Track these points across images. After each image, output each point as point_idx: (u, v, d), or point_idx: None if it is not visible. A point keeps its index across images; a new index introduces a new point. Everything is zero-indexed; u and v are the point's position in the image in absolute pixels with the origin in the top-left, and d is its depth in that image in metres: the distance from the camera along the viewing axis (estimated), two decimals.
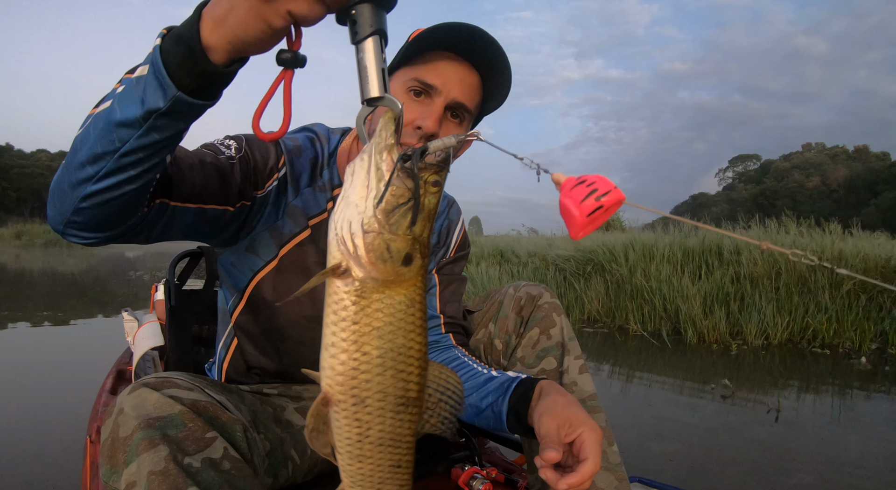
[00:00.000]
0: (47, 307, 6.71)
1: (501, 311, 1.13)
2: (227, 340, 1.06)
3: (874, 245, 6.20)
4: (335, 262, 0.43)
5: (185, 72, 0.52)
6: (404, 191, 0.43)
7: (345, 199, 0.44)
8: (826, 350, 4.73)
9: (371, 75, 0.48)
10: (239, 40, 0.50)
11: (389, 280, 0.43)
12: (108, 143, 0.58)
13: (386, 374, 0.44)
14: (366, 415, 0.45)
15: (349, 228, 0.43)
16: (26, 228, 31.58)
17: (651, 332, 5.32)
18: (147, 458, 0.63)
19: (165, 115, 0.55)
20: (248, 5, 0.48)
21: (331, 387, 0.45)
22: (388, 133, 0.45)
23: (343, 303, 0.43)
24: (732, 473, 2.23)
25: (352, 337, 0.43)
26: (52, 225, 0.69)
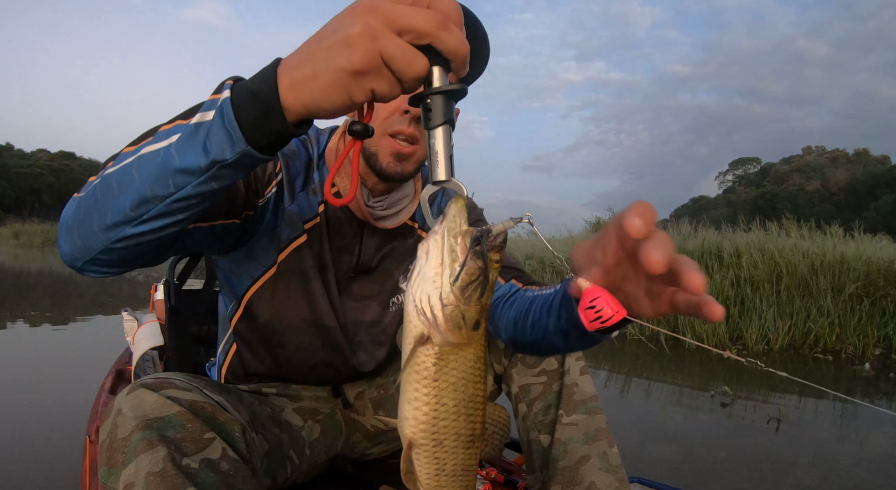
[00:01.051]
0: (46, 307, 6.62)
1: None
2: (227, 346, 1.06)
3: (877, 248, 6.10)
4: (418, 332, 0.50)
5: (258, 129, 0.52)
6: (475, 270, 0.49)
7: (421, 275, 0.50)
8: (828, 356, 4.62)
9: (440, 161, 0.52)
10: (316, 106, 0.50)
11: (463, 343, 0.50)
12: (162, 189, 0.57)
13: (459, 420, 0.52)
14: (443, 453, 0.53)
15: (429, 302, 0.49)
16: (24, 228, 31.57)
17: (649, 336, 5.21)
18: (145, 459, 0.63)
19: (230, 166, 0.55)
20: (335, 77, 0.48)
21: (414, 433, 0.52)
22: (463, 220, 0.51)
23: (425, 364, 0.51)
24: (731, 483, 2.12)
25: (433, 392, 0.51)
26: (69, 262, 0.67)
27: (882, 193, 44.04)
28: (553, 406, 1.02)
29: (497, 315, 0.95)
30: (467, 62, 0.50)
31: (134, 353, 1.60)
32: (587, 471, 0.96)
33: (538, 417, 1.03)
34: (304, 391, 1.10)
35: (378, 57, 0.47)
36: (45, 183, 61.04)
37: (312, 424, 1.07)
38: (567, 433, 0.99)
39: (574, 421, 1.00)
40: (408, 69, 0.47)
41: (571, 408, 1.01)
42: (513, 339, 0.90)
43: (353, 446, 1.17)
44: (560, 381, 1.03)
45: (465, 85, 0.52)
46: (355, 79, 0.48)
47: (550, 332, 0.78)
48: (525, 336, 0.85)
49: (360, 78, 0.48)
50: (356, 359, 1.07)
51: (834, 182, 51.80)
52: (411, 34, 0.47)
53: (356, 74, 0.47)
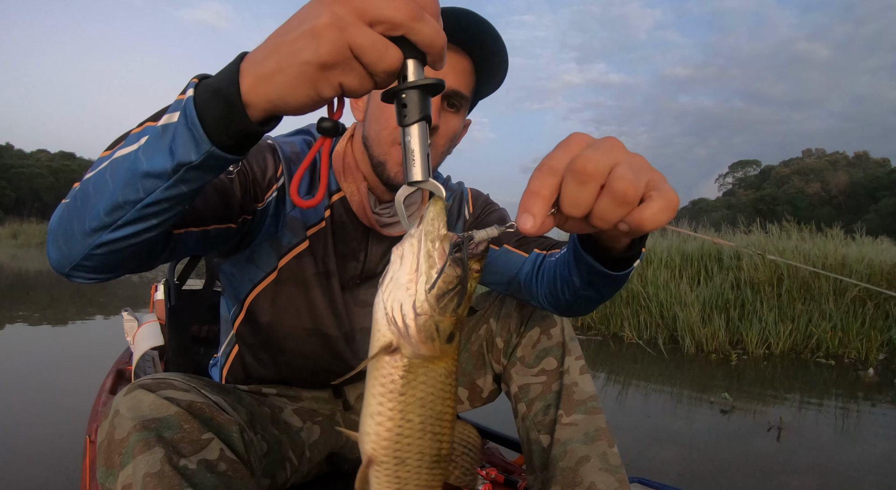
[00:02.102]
0: (45, 307, 6.57)
1: (504, 309, 1.11)
2: (228, 348, 1.06)
3: (878, 251, 6.01)
4: (386, 341, 0.47)
5: (222, 129, 0.50)
6: (453, 278, 0.46)
7: (394, 280, 0.47)
8: (831, 360, 4.51)
9: (417, 160, 0.50)
10: (282, 102, 0.47)
11: (435, 356, 0.47)
12: (132, 193, 0.56)
13: (425, 438, 0.49)
14: (405, 473, 0.50)
15: (401, 310, 0.46)
16: (23, 228, 31.53)
17: (647, 340, 5.10)
18: (143, 459, 0.63)
19: (196, 168, 0.53)
20: (301, 71, 0.45)
21: (375, 450, 0.49)
22: (441, 223, 0.48)
23: (391, 377, 0.48)
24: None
25: (398, 407, 0.48)
26: (56, 267, 0.67)
27: (882, 196, 44.07)
28: (552, 406, 1.01)
29: (534, 288, 0.95)
30: (444, 55, 0.47)
31: (134, 353, 1.61)
32: (587, 471, 0.95)
33: (537, 417, 1.03)
34: (305, 392, 1.09)
35: (347, 49, 0.44)
36: (45, 183, 61.14)
37: (312, 426, 1.06)
38: (567, 433, 0.98)
39: (574, 421, 0.99)
40: (379, 62, 0.44)
41: (571, 408, 1.00)
42: (555, 306, 0.92)
43: (352, 447, 1.16)
44: (559, 380, 1.02)
45: (441, 79, 0.49)
46: (322, 72, 0.45)
47: (579, 289, 0.79)
48: (563, 300, 0.87)
49: (327, 71, 0.45)
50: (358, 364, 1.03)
51: (834, 185, 51.84)
52: (383, 25, 0.44)
53: (323, 67, 0.45)
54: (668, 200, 0.44)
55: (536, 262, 0.96)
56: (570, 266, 0.78)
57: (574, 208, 0.45)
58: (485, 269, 1.09)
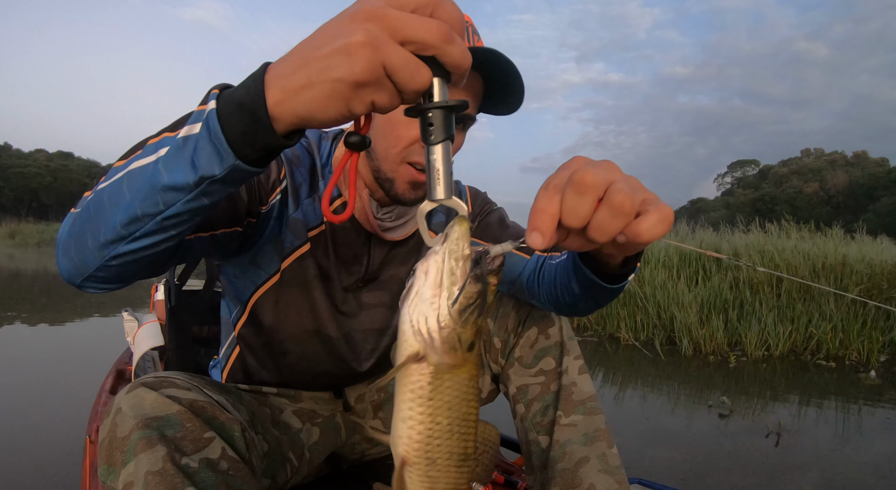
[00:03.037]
0: (44, 307, 6.54)
1: (501, 309, 1.10)
2: (229, 350, 1.06)
3: (879, 250, 5.93)
4: (413, 351, 0.50)
5: (247, 143, 0.50)
6: (474, 293, 0.49)
7: (419, 295, 0.50)
8: (831, 362, 4.42)
9: (441, 179, 0.51)
10: (310, 116, 0.47)
11: (458, 364, 0.51)
12: (151, 206, 0.55)
13: (453, 438, 0.53)
14: (436, 472, 0.53)
15: (426, 323, 0.49)
16: (20, 228, 31.49)
17: (644, 341, 5.00)
18: (145, 458, 0.63)
19: (219, 181, 0.53)
20: (333, 88, 0.45)
21: (408, 452, 0.52)
22: (466, 244, 0.50)
23: (420, 383, 0.51)
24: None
25: (427, 411, 0.51)
26: (68, 279, 0.66)
27: (881, 196, 44.06)
28: (551, 407, 1.01)
29: (535, 289, 0.96)
30: (467, 75, 0.48)
31: (134, 353, 1.61)
32: (586, 473, 0.95)
33: (536, 418, 1.03)
34: (305, 392, 1.09)
35: (381, 68, 0.44)
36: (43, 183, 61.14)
37: (311, 427, 1.05)
38: (566, 435, 0.99)
39: (573, 421, 0.99)
40: (411, 82, 0.45)
41: (570, 408, 1.00)
42: (556, 307, 0.94)
43: (352, 447, 1.17)
44: (558, 381, 1.02)
45: (466, 101, 0.50)
46: (355, 90, 0.45)
47: (578, 295, 0.81)
48: (563, 302, 0.89)
49: (360, 89, 0.45)
50: (361, 367, 1.07)
51: (832, 184, 51.83)
52: (415, 45, 0.44)
53: (357, 86, 0.45)
54: (663, 214, 0.46)
55: (538, 263, 0.98)
56: (569, 274, 0.80)
57: (573, 218, 0.46)
58: None
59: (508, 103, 0.93)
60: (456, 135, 0.93)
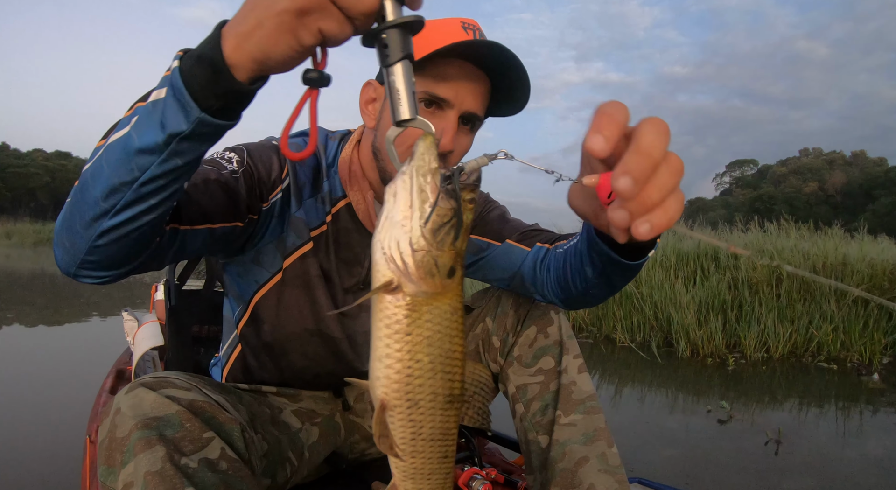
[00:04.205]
0: (42, 308, 6.51)
1: (500, 308, 1.10)
2: (230, 349, 1.06)
3: (879, 250, 5.81)
4: (386, 280, 0.46)
5: (209, 92, 0.51)
6: (447, 211, 0.46)
7: (389, 219, 0.46)
8: (833, 364, 4.30)
9: (403, 98, 0.49)
10: (266, 57, 0.48)
11: (437, 292, 0.47)
12: (127, 173, 0.56)
13: (436, 378, 0.49)
14: (419, 415, 0.49)
15: (398, 247, 0.45)
16: (16, 228, 31.45)
17: (640, 343, 4.88)
18: (144, 458, 0.63)
19: (188, 137, 0.53)
20: (279, 21, 0.46)
21: (387, 394, 0.48)
22: (432, 157, 0.47)
23: (396, 316, 0.47)
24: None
25: (406, 347, 0.47)
26: (63, 268, 0.67)
27: (879, 195, 44.08)
28: (551, 406, 1.01)
29: (539, 281, 0.95)
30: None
31: (134, 353, 1.61)
32: (586, 473, 0.95)
33: (535, 418, 1.02)
34: (305, 391, 1.09)
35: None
36: (41, 183, 61.10)
37: (310, 427, 1.05)
38: (565, 434, 0.98)
39: (572, 421, 0.98)
40: (356, 4, 0.45)
41: (570, 408, 0.99)
42: (564, 299, 0.92)
43: (351, 446, 1.16)
44: (557, 380, 1.02)
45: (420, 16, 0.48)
46: (300, 19, 0.46)
47: (591, 279, 0.78)
48: (573, 291, 0.86)
49: (305, 17, 0.46)
50: (364, 368, 1.06)
51: (831, 184, 51.85)
52: None
53: (300, 13, 0.46)
54: (680, 200, 0.43)
55: (539, 255, 0.96)
56: (582, 256, 0.77)
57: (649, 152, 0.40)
58: (486, 265, 1.07)
59: (514, 101, 0.93)
60: (464, 136, 0.91)
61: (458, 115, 0.87)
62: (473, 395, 0.55)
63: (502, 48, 0.83)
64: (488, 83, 0.89)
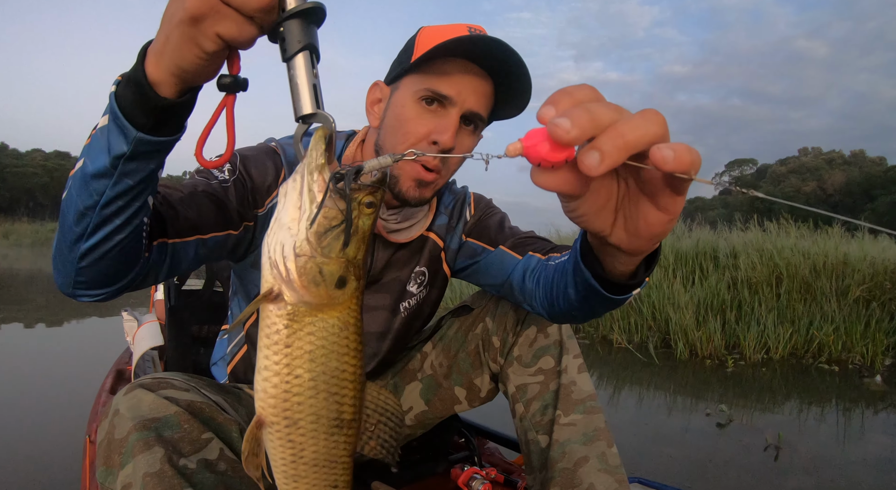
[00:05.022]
0: (41, 307, 6.54)
1: (500, 307, 1.10)
2: (236, 348, 1.07)
3: (880, 249, 5.74)
4: (268, 287, 0.44)
5: (138, 111, 0.52)
6: (336, 213, 0.43)
7: (277, 221, 0.44)
8: (834, 366, 4.24)
9: (303, 92, 0.47)
10: (179, 69, 0.49)
11: (322, 303, 0.44)
12: (88, 198, 0.58)
13: (318, 397, 0.45)
14: (299, 436, 0.46)
15: (281, 252, 0.43)
16: (14, 228, 31.42)
17: (637, 344, 4.81)
18: (142, 459, 0.63)
19: (132, 158, 0.54)
20: (180, 33, 0.47)
21: (263, 409, 0.45)
22: (319, 152, 0.44)
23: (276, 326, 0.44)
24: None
25: (284, 360, 0.44)
26: (62, 290, 0.69)
27: (878, 195, 44.03)
28: (550, 406, 1.01)
29: (527, 291, 0.94)
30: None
31: (134, 353, 1.61)
32: (586, 472, 0.95)
33: (535, 418, 1.02)
34: None
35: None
36: (39, 183, 61.07)
37: None
38: (565, 434, 0.98)
39: (572, 421, 0.99)
40: (247, 1, 0.44)
41: (569, 407, 0.99)
42: (549, 313, 0.91)
43: None
44: (557, 380, 1.02)
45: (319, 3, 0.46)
46: (197, 27, 0.46)
47: (574, 302, 0.77)
48: (558, 308, 0.86)
49: (200, 24, 0.46)
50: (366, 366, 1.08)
51: (830, 183, 51.79)
52: None
53: (194, 21, 0.45)
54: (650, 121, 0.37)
55: (529, 265, 0.96)
56: (567, 277, 0.76)
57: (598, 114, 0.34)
58: (479, 271, 1.08)
59: (517, 100, 0.92)
60: (466, 137, 0.91)
61: (461, 113, 0.88)
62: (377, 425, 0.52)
63: (504, 44, 0.83)
64: (491, 84, 0.90)
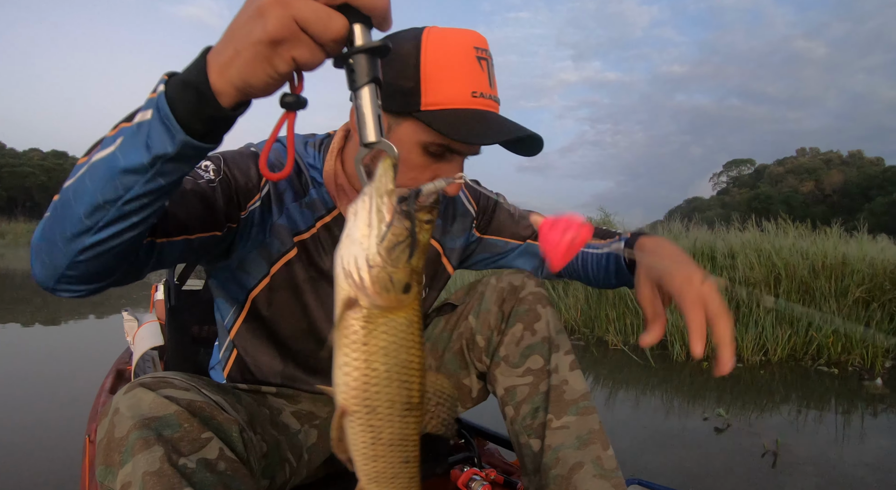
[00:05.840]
0: (39, 307, 6.44)
1: (483, 304, 1.07)
2: (227, 353, 1.05)
3: (879, 249, 5.66)
4: (345, 295, 0.49)
5: (195, 117, 0.53)
6: (402, 230, 0.49)
7: (349, 237, 0.49)
8: (833, 368, 4.14)
9: (368, 122, 0.51)
10: (245, 84, 0.50)
11: (392, 306, 0.49)
12: (112, 191, 0.57)
13: (392, 386, 0.51)
14: (377, 421, 0.52)
15: (356, 264, 0.48)
16: (10, 227, 31.32)
17: (633, 345, 4.72)
18: (142, 458, 0.63)
19: (173, 159, 0.55)
20: (255, 51, 0.48)
21: (346, 400, 0.50)
22: (388, 179, 0.50)
23: (353, 328, 0.49)
24: None
25: (362, 356, 0.50)
26: (41, 282, 0.67)
27: (876, 195, 44.08)
28: (541, 409, 0.98)
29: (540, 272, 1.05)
30: (388, 15, 0.49)
31: (134, 353, 1.61)
32: (581, 479, 0.93)
33: (526, 421, 0.99)
34: (304, 393, 1.08)
35: (292, 22, 0.46)
36: (37, 182, 60.95)
37: (309, 429, 1.04)
38: (558, 439, 0.96)
39: (565, 424, 0.96)
40: (325, 31, 0.47)
41: (561, 409, 0.97)
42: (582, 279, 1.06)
43: None
44: (547, 380, 0.99)
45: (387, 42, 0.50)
46: (274, 49, 0.48)
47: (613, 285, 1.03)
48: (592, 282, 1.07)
49: (278, 47, 0.48)
50: None
51: (828, 184, 51.84)
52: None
53: (273, 44, 0.47)
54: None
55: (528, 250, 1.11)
56: (607, 271, 1.01)
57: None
58: (507, 264, 1.18)
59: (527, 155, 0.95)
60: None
61: (465, 158, 0.89)
62: (437, 406, 0.58)
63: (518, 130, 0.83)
64: None
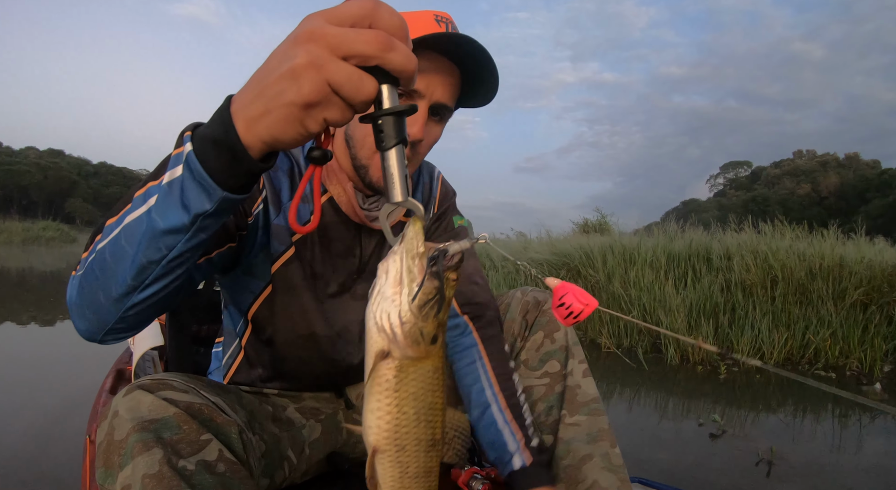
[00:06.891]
0: (36, 306, 6.46)
1: (509, 314, 1.15)
2: (231, 359, 1.06)
3: (876, 251, 5.57)
4: (379, 348, 0.52)
5: (230, 174, 0.53)
6: (432, 289, 0.51)
7: (381, 293, 0.52)
8: (831, 373, 4.06)
9: (396, 182, 0.52)
10: (275, 140, 0.50)
11: (422, 356, 0.53)
12: (155, 252, 0.59)
13: (420, 426, 0.55)
14: (406, 458, 0.56)
15: (388, 319, 0.51)
16: (5, 226, 31.15)
17: (626, 348, 4.62)
18: (141, 461, 0.64)
19: (211, 215, 0.56)
20: (287, 112, 0.48)
21: (378, 440, 0.55)
22: (420, 242, 0.53)
23: (386, 376, 0.53)
24: None
25: (394, 402, 0.53)
26: (88, 337, 0.70)
27: (872, 197, 44.16)
28: (556, 407, 1.05)
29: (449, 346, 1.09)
30: (415, 76, 0.49)
31: (134, 353, 1.63)
32: (590, 469, 0.99)
33: (541, 418, 1.06)
34: (306, 393, 1.10)
35: (326, 86, 0.47)
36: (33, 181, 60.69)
37: (314, 424, 1.06)
38: (570, 433, 1.02)
39: (577, 421, 1.03)
40: (357, 94, 0.47)
41: (574, 409, 1.04)
42: None
43: (353, 446, 1.16)
44: (563, 382, 1.06)
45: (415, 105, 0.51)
46: (307, 111, 0.48)
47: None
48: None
49: (311, 109, 0.48)
50: (355, 360, 1.07)
51: (824, 186, 51.93)
52: (357, 58, 0.47)
53: (307, 107, 0.48)
54: None
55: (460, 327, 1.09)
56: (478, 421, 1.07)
57: None
58: None
59: (484, 94, 0.94)
60: (433, 126, 0.96)
61: (429, 105, 0.89)
62: (453, 439, 0.62)
63: (473, 41, 0.85)
64: (458, 75, 0.91)
